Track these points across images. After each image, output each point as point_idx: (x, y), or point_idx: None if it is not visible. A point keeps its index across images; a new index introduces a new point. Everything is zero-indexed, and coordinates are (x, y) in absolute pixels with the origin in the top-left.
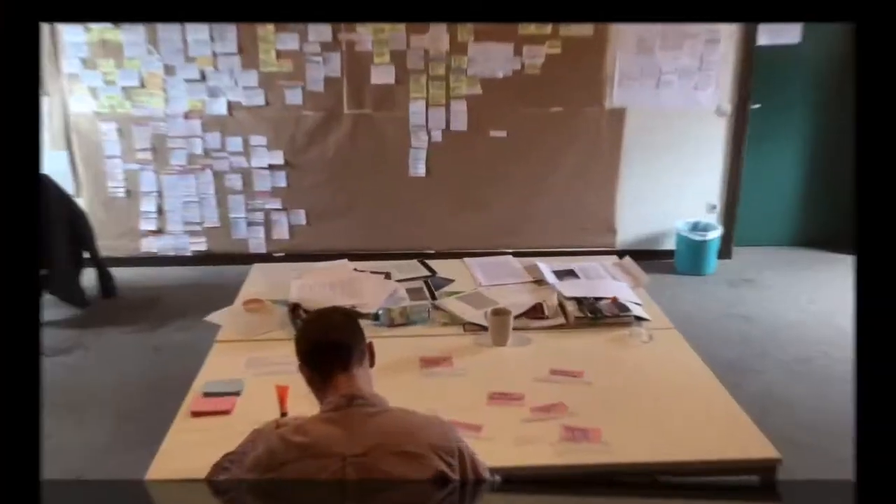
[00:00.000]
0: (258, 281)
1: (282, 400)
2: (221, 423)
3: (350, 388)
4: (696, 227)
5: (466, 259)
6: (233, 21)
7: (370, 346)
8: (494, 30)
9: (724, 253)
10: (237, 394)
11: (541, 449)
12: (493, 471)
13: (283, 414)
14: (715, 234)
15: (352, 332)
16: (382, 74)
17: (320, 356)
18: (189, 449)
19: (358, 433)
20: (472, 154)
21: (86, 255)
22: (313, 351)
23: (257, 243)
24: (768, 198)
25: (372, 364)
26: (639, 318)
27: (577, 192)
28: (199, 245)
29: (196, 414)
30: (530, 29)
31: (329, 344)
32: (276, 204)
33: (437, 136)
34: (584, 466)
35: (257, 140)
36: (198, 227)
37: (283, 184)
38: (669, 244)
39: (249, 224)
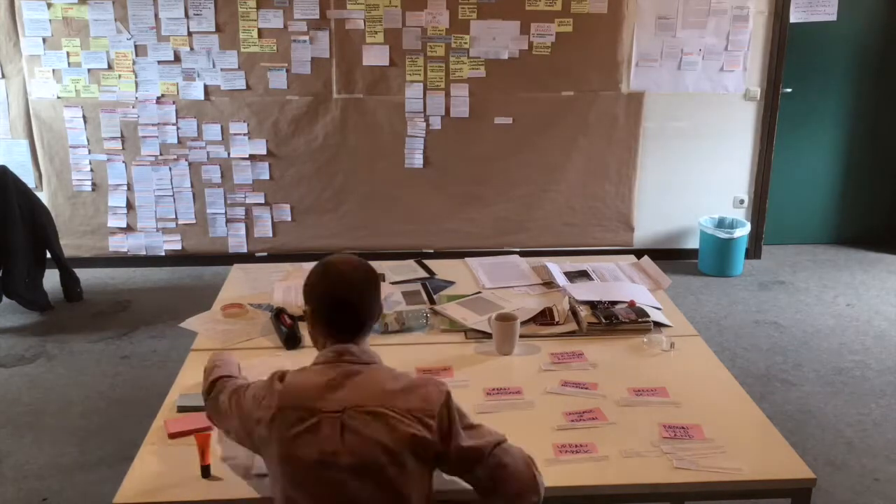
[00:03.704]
0: (238, 283)
1: (202, 451)
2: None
3: (345, 344)
4: (721, 223)
5: (468, 259)
6: None
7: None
8: (499, 6)
9: (753, 252)
10: None
11: (553, 468)
12: None
13: (205, 467)
14: (743, 231)
15: (371, 303)
16: (376, 55)
17: (332, 318)
18: (163, 469)
19: (338, 390)
20: (475, 143)
21: (48, 254)
22: (327, 310)
23: (237, 242)
24: (802, 191)
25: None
26: (659, 325)
27: (591, 186)
28: (174, 244)
29: (174, 435)
30: (539, 5)
31: (347, 311)
32: (259, 198)
33: (436, 123)
34: (601, 487)
35: (237, 128)
36: (172, 224)
37: (265, 176)
38: (693, 243)
39: (229, 220)
